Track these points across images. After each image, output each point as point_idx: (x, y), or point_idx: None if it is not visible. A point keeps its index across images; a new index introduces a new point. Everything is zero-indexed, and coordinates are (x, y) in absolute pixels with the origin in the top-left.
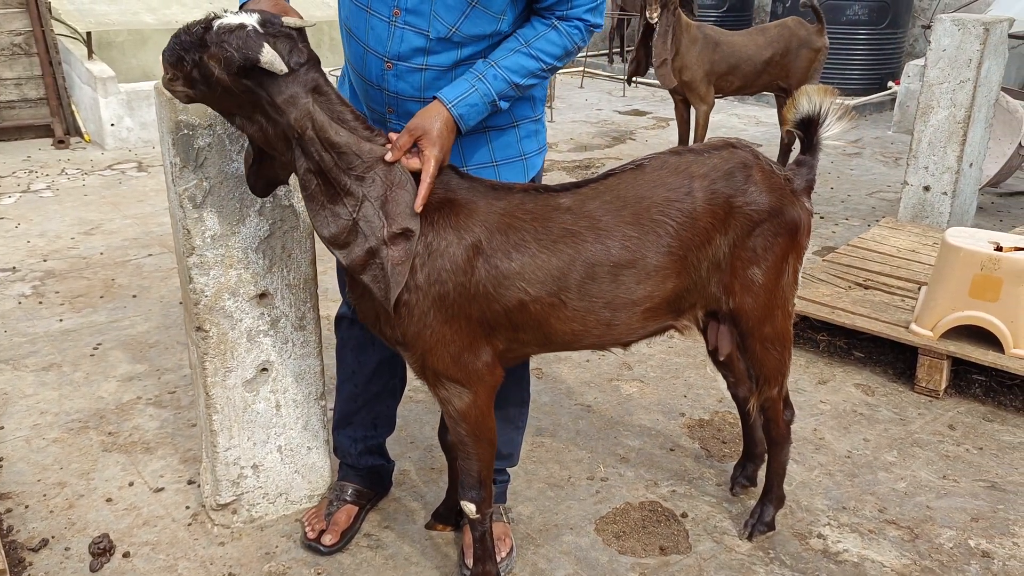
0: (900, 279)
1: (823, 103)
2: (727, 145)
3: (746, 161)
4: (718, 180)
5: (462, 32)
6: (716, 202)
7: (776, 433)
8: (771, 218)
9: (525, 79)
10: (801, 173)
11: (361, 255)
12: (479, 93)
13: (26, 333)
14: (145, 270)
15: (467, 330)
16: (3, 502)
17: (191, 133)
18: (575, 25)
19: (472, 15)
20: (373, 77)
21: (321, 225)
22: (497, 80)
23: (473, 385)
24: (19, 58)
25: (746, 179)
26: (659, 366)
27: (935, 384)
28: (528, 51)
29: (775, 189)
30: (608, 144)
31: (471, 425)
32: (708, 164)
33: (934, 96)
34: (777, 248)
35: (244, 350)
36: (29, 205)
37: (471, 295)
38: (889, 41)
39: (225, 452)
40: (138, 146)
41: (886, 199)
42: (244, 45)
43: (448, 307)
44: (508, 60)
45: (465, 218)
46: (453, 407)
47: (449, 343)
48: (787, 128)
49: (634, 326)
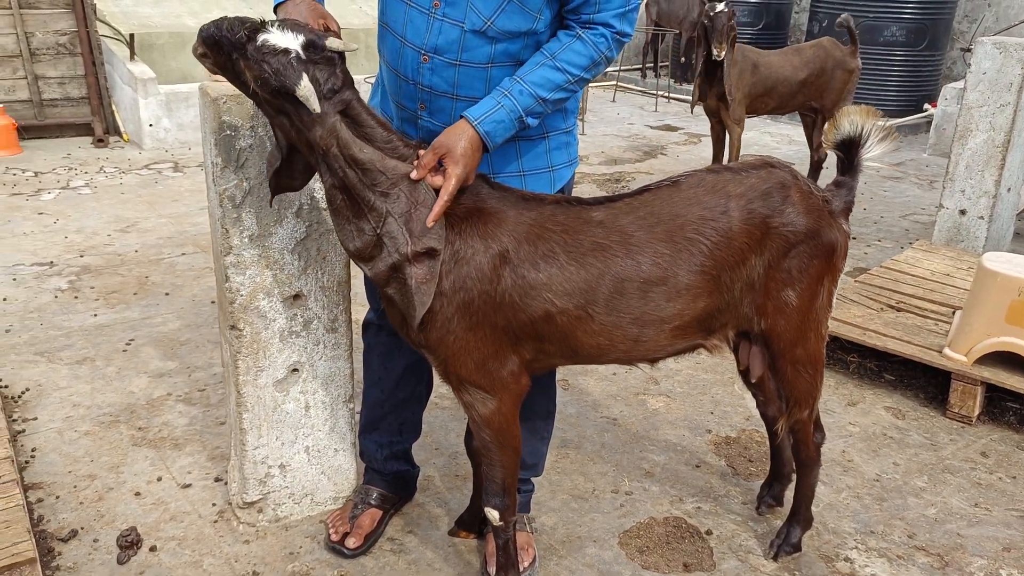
0: (934, 302)
1: (865, 124)
2: (765, 164)
3: (784, 181)
4: (755, 200)
5: (497, 27)
6: (752, 222)
7: (806, 455)
8: (808, 239)
9: (552, 93)
10: (840, 194)
11: (384, 269)
12: (505, 110)
13: (61, 327)
14: (178, 269)
15: (492, 338)
16: (35, 492)
17: (233, 134)
18: (600, 33)
19: (509, 9)
20: (408, 72)
21: (346, 239)
22: (523, 95)
23: (497, 392)
24: (63, 58)
25: (784, 199)
26: (686, 382)
27: (968, 410)
28: (553, 64)
29: (813, 210)
30: (639, 159)
31: (495, 432)
32: (745, 183)
33: (973, 119)
34: (812, 270)
35: (276, 350)
36: (68, 201)
37: (496, 304)
38: (926, 63)
39: (254, 451)
40: (175, 147)
41: (919, 221)
42: (283, 72)
43: (472, 314)
44: (533, 74)
45: (493, 227)
46: (477, 412)
47: (473, 350)
48: (824, 148)
49: (662, 343)
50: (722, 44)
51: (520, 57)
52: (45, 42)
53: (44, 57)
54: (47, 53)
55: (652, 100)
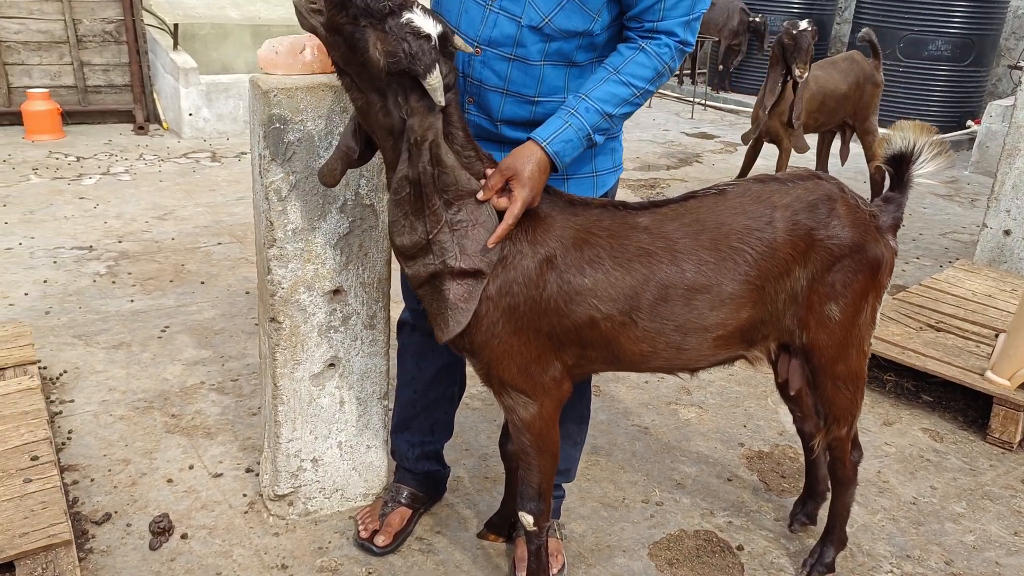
0: (975, 324)
1: (918, 140)
2: (813, 176)
3: (831, 193)
4: (801, 211)
5: (554, 24)
6: (797, 233)
7: (842, 473)
8: (853, 254)
9: (618, 108)
10: (888, 210)
11: (424, 274)
12: (573, 128)
13: (99, 311)
14: (214, 258)
15: (536, 343)
16: (70, 473)
17: (283, 127)
18: (664, 43)
19: (568, 7)
20: (459, 63)
21: (397, 232)
22: (590, 112)
23: (539, 397)
24: (109, 45)
25: (829, 212)
26: (719, 393)
27: (1009, 436)
28: (618, 78)
29: (859, 224)
30: (674, 165)
31: (535, 436)
32: (792, 194)
33: (1022, 138)
34: (857, 285)
35: (314, 344)
36: (108, 187)
37: (542, 309)
38: (971, 79)
39: (287, 444)
40: (213, 136)
41: (960, 240)
42: (419, 56)
43: (518, 319)
44: (598, 91)
45: (542, 232)
46: (518, 416)
47: (516, 354)
48: (876, 163)
49: (704, 352)
50: (806, 65)
51: (573, 58)
52: (92, 29)
53: (90, 44)
54: (93, 40)
55: (689, 107)
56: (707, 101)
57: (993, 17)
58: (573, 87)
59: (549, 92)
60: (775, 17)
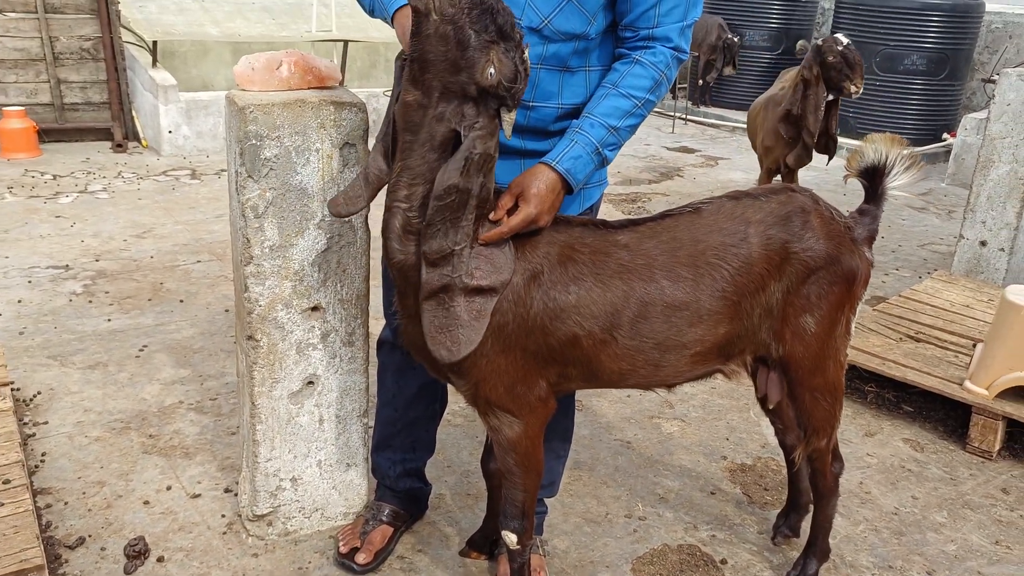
0: (953, 334)
1: (890, 153)
2: (786, 189)
3: (804, 206)
4: (774, 225)
5: (553, 26)
6: (772, 247)
7: (823, 485)
8: (828, 266)
9: (622, 120)
10: (863, 222)
11: (437, 284)
12: (580, 145)
13: (75, 331)
14: (193, 276)
15: (522, 361)
16: (43, 497)
17: (259, 143)
18: (659, 51)
19: (567, 9)
20: None
21: (431, 235)
22: (594, 127)
23: (525, 416)
24: (86, 62)
25: (804, 224)
26: (701, 406)
27: (988, 445)
28: (617, 92)
29: (833, 236)
30: (655, 180)
31: (520, 455)
32: (765, 209)
33: (996, 150)
34: (832, 297)
35: (292, 362)
36: (85, 205)
37: (528, 327)
38: (946, 93)
39: (266, 463)
40: (192, 154)
41: (938, 251)
42: (518, 91)
43: (506, 338)
44: (600, 107)
45: (529, 249)
46: (503, 436)
47: (503, 373)
48: (849, 176)
49: (681, 368)
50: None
51: (567, 63)
52: (69, 47)
53: (67, 61)
54: (71, 58)
55: (670, 121)
56: (688, 115)
57: (967, 32)
58: (566, 94)
59: (543, 97)
60: (753, 32)
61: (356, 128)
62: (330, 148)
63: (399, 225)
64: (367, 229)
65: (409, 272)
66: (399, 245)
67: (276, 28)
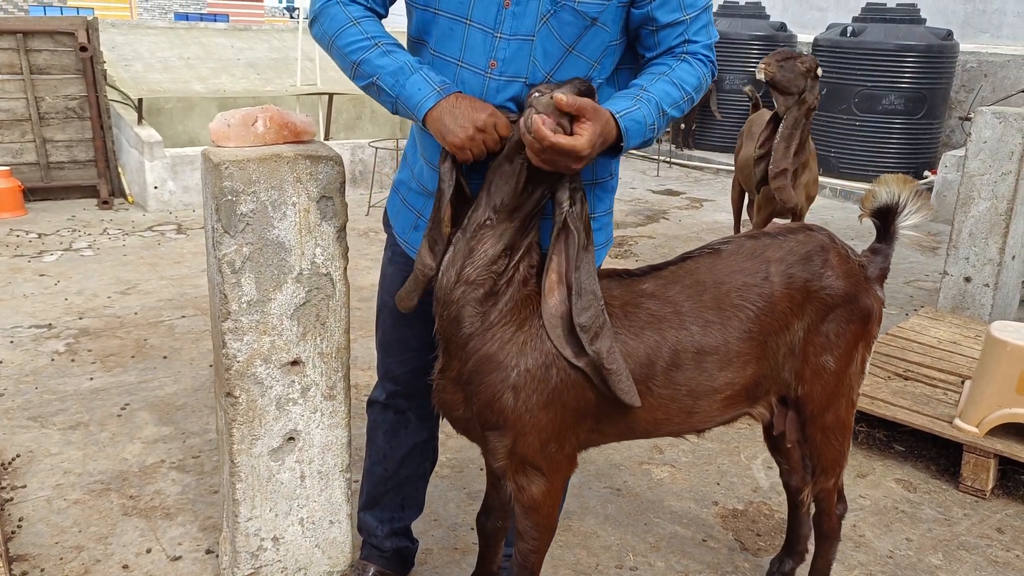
0: (942, 371)
1: (903, 193)
2: (804, 228)
3: (823, 244)
4: (795, 264)
5: (555, 80)
6: (794, 286)
7: (828, 526)
8: (845, 304)
9: (670, 108)
10: (876, 261)
11: (610, 345)
12: (641, 112)
13: (56, 391)
14: (177, 331)
15: (561, 417)
16: (19, 564)
17: (234, 199)
18: (701, 59)
19: (568, 62)
20: None
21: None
22: (650, 104)
23: (552, 475)
24: (72, 121)
25: (823, 263)
26: (691, 451)
27: (981, 483)
28: (670, 79)
29: (851, 275)
30: (641, 223)
31: (543, 516)
32: (784, 247)
33: (975, 187)
34: (849, 335)
35: (272, 418)
36: (70, 263)
37: (571, 381)
38: (925, 131)
39: (246, 523)
40: (179, 209)
41: (923, 288)
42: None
43: (550, 391)
44: (654, 86)
45: None
46: (528, 495)
47: (542, 430)
48: (863, 216)
49: (712, 413)
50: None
51: None
52: (54, 106)
53: (53, 121)
54: (56, 117)
55: (654, 165)
56: (672, 159)
57: (942, 71)
58: None
59: None
60: (733, 76)
61: (333, 181)
62: (307, 201)
63: (482, 294)
64: (346, 281)
65: (470, 340)
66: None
67: (261, 83)
